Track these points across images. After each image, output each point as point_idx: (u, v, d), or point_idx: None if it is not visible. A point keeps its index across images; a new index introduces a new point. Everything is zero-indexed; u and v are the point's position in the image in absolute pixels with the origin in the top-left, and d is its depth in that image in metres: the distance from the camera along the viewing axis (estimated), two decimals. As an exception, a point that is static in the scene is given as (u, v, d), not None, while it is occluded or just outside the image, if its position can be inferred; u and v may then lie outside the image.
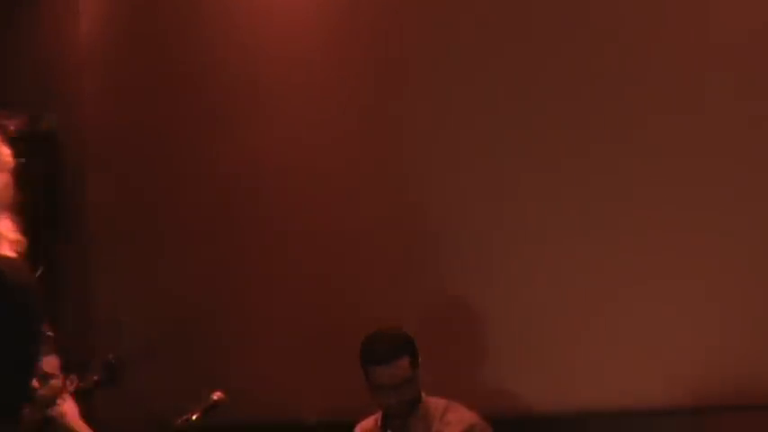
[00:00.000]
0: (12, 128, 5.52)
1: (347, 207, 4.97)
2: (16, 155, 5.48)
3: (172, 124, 5.55)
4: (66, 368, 4.70)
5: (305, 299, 5.06)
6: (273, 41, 5.22)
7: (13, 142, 5.50)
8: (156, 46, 5.60)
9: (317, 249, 5.03)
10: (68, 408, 4.60)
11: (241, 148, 5.31)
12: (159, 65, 5.61)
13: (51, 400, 4.56)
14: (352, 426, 4.08)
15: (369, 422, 4.00)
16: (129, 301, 5.57)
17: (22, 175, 5.50)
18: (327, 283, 4.99)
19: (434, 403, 3.90)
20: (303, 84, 5.14)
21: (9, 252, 2.53)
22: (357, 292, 4.86)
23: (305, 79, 5.13)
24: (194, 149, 5.46)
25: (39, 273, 5.48)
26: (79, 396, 4.68)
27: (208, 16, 5.44)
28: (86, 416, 4.72)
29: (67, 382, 4.65)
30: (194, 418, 4.22)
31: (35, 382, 4.56)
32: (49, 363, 4.60)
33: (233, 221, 5.32)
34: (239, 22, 5.34)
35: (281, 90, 5.20)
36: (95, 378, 4.71)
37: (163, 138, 5.57)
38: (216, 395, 4.32)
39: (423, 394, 3.90)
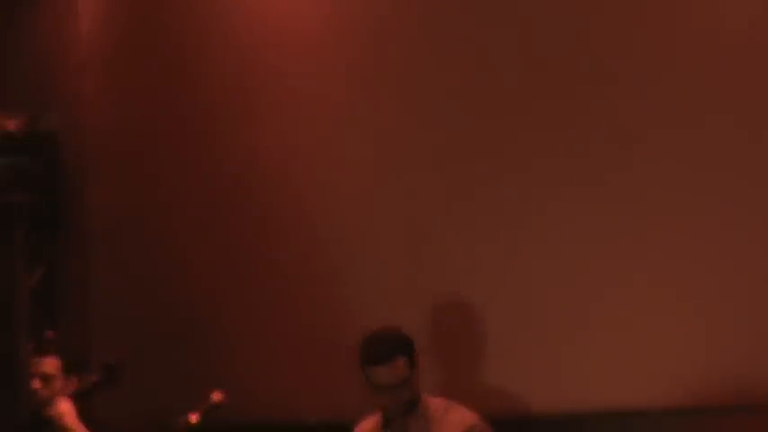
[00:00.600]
0: (12, 127, 5.54)
1: (346, 207, 4.95)
2: (17, 154, 5.52)
3: (171, 123, 5.54)
4: (66, 369, 4.71)
5: (305, 299, 5.04)
6: (271, 42, 5.20)
7: (13, 141, 5.53)
8: (155, 46, 5.59)
9: (318, 250, 5.01)
10: (66, 408, 4.60)
11: (241, 147, 5.30)
12: (158, 65, 5.60)
13: (51, 401, 4.57)
14: (352, 426, 4.06)
15: (368, 422, 3.99)
16: (128, 301, 5.57)
17: (19, 175, 5.53)
18: (327, 283, 4.96)
19: (435, 404, 3.87)
20: (300, 84, 5.13)
21: None
22: (357, 293, 4.83)
23: (302, 79, 5.12)
24: (193, 149, 5.44)
25: (39, 273, 5.51)
26: (79, 396, 4.69)
27: (207, 17, 5.42)
28: (86, 416, 4.72)
29: (67, 383, 4.66)
30: (194, 418, 4.22)
31: (36, 383, 4.58)
32: (50, 363, 4.62)
33: (232, 221, 5.30)
34: (237, 23, 5.33)
35: (279, 90, 5.19)
36: (95, 379, 4.71)
37: (162, 137, 5.55)
38: (215, 396, 4.32)
39: (423, 395, 3.87)
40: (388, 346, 3.78)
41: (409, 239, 4.76)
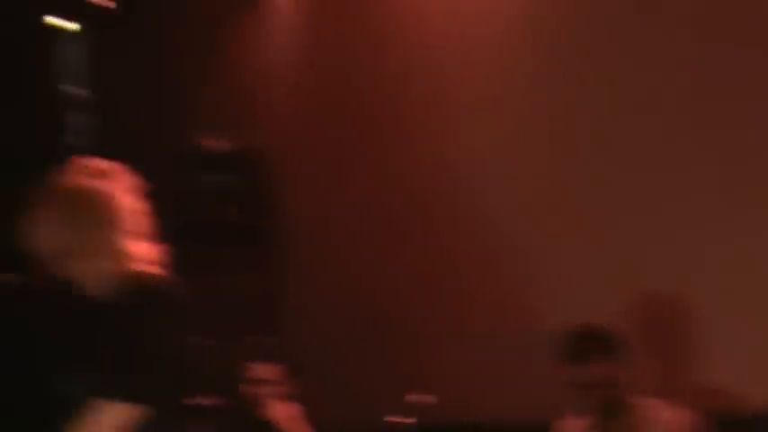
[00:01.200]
0: (218, 148, 5.77)
1: (538, 205, 4.88)
2: (224, 173, 5.74)
3: (365, 135, 5.61)
4: (280, 373, 4.84)
5: (502, 298, 4.97)
6: (468, 48, 5.20)
7: (221, 161, 5.75)
8: (347, 61, 5.69)
9: (515, 249, 4.94)
10: (284, 411, 4.73)
11: (428, 151, 5.30)
12: (351, 80, 5.70)
13: (268, 403, 4.71)
14: (554, 427, 4.00)
15: (572, 423, 3.89)
16: (329, 306, 5.67)
17: (228, 192, 5.74)
18: (525, 280, 4.89)
19: (644, 403, 3.72)
20: (485, 86, 5.11)
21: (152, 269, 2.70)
22: (556, 291, 4.74)
23: (487, 82, 5.10)
24: (387, 157, 5.48)
25: (249, 284, 5.69)
26: (290, 399, 4.81)
27: (399, 28, 5.45)
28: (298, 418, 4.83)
29: (282, 387, 4.79)
30: (398, 420, 4.26)
31: (255, 388, 4.73)
32: (266, 369, 4.75)
33: (423, 225, 5.30)
34: (424, 28, 5.35)
35: (464, 92, 5.19)
36: (301, 382, 4.83)
37: (357, 148, 5.63)
38: (418, 397, 4.35)
39: (632, 394, 3.71)
40: (592, 342, 3.67)
41: (613, 239, 4.63)
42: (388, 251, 5.44)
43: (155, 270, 2.71)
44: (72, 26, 6.25)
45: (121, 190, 2.73)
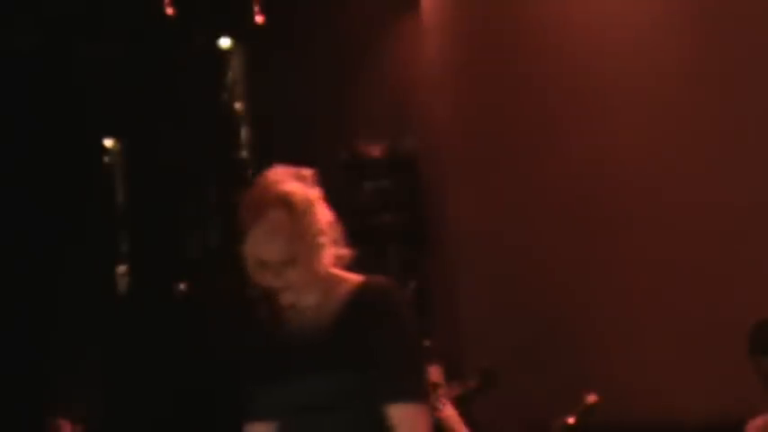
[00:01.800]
0: (376, 154, 5.72)
1: (721, 203, 4.64)
2: (382, 178, 5.69)
3: (521, 136, 5.47)
4: (445, 375, 4.71)
5: (678, 291, 4.72)
6: (622, 50, 5.02)
7: (377, 166, 5.71)
8: (501, 64, 5.56)
9: (692, 247, 4.70)
10: (450, 413, 4.60)
11: (586, 147, 5.13)
12: (503, 83, 5.57)
13: (437, 406, 4.59)
14: (743, 424, 3.73)
15: (763, 420, 3.63)
16: (495, 307, 5.53)
17: (387, 198, 5.69)
18: (703, 273, 4.64)
19: None
20: (651, 89, 4.91)
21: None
22: (738, 281, 4.49)
23: (653, 85, 4.90)
24: (541, 154, 5.33)
25: (412, 287, 5.61)
26: (458, 401, 4.67)
27: (550, 29, 5.32)
28: (465, 421, 4.69)
29: (449, 389, 4.65)
30: (570, 420, 4.08)
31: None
32: (432, 372, 4.63)
33: (591, 219, 5.12)
34: (581, 32, 5.20)
35: (628, 96, 4.99)
36: (474, 384, 4.68)
37: (513, 150, 5.50)
38: (590, 398, 4.15)
39: None
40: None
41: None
42: (557, 250, 5.25)
43: (362, 276, 2.63)
44: (229, 44, 6.32)
45: (318, 196, 2.59)
